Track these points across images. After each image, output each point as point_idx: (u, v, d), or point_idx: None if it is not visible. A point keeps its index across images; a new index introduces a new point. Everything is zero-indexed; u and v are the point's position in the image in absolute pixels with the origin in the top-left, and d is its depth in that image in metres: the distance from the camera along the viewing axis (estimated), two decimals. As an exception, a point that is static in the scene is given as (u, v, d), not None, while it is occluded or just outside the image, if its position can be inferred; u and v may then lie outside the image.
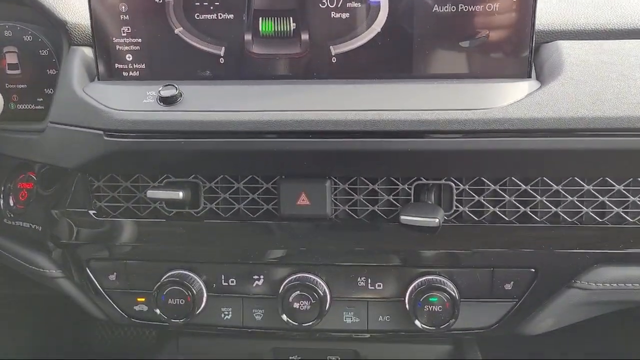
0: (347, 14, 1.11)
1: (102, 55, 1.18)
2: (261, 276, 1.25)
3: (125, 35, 1.16)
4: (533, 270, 1.19)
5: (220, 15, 1.14)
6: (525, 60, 1.11)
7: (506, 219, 1.18)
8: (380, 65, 1.13)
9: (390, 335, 1.28)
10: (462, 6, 1.09)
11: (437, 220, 1.10)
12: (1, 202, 1.38)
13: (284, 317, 1.21)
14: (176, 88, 1.11)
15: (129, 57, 1.17)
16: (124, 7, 1.15)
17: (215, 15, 1.14)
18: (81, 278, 1.32)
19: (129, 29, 1.16)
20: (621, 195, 1.15)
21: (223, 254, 1.25)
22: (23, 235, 1.35)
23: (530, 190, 1.16)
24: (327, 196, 1.16)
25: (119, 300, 1.31)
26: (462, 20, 1.10)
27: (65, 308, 1.60)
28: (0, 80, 1.29)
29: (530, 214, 1.17)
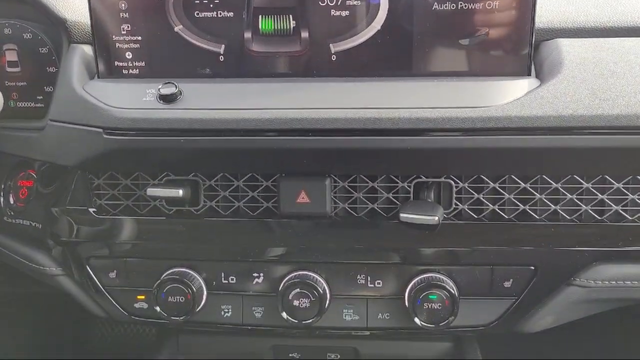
0: (347, 12, 1.11)
1: (102, 53, 1.18)
2: (261, 274, 1.26)
3: (125, 33, 1.16)
4: (532, 267, 1.20)
5: (220, 13, 1.14)
6: (525, 58, 1.11)
7: (505, 216, 1.18)
8: (380, 63, 1.13)
9: (389, 332, 1.28)
10: (462, 4, 1.09)
11: (437, 218, 1.10)
12: (1, 200, 1.38)
13: (284, 315, 1.22)
14: (176, 86, 1.11)
15: (128, 55, 1.17)
16: (123, 5, 1.14)
17: (215, 13, 1.14)
18: (81, 276, 1.32)
19: (128, 27, 1.16)
20: (620, 193, 1.15)
21: (223, 251, 1.25)
22: (23, 233, 1.35)
23: (530, 188, 1.16)
24: (327, 194, 1.16)
25: (119, 297, 1.31)
26: (462, 18, 1.09)
27: (65, 306, 1.60)
28: (0, 78, 1.28)
29: (529, 211, 1.17)
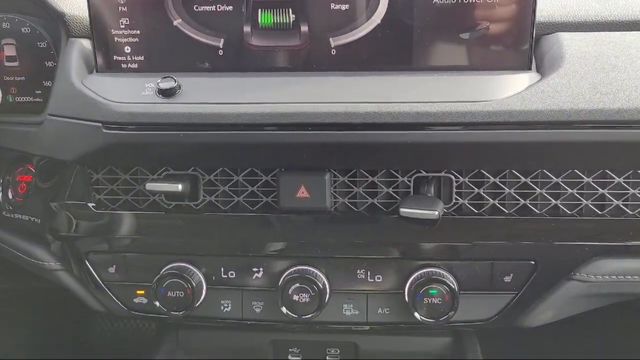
0: (347, 6, 1.10)
1: (101, 47, 1.17)
2: (260, 269, 1.25)
3: (123, 27, 1.15)
4: (532, 262, 1.19)
5: (219, 7, 1.13)
6: (525, 52, 1.10)
7: (506, 211, 1.18)
8: (380, 57, 1.13)
9: (389, 327, 1.28)
10: (463, -3, 1.08)
11: (437, 213, 1.10)
12: (0, 195, 1.37)
13: (284, 310, 1.21)
14: (175, 80, 1.11)
15: (127, 49, 1.17)
16: (122, -1, 1.14)
17: (214, 6, 1.13)
18: (80, 271, 1.31)
19: (127, 21, 1.15)
20: (621, 188, 1.15)
21: (222, 246, 1.25)
22: (22, 228, 1.35)
23: (530, 183, 1.15)
24: (327, 189, 1.16)
25: (119, 292, 1.31)
26: (463, 11, 1.09)
27: (64, 301, 1.60)
28: None
29: (530, 206, 1.17)
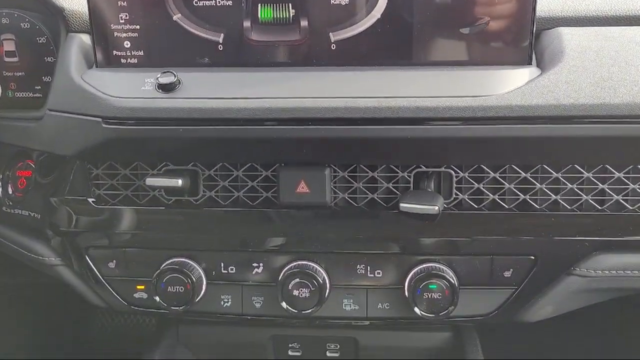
0: (347, 0, 1.10)
1: (100, 42, 1.17)
2: (260, 264, 1.25)
3: (123, 22, 1.15)
4: (532, 257, 1.19)
5: (218, 2, 1.12)
6: (525, 47, 1.10)
7: (506, 206, 1.18)
8: (380, 52, 1.12)
9: (389, 322, 1.28)
10: (463, -8, 1.08)
11: (437, 208, 1.10)
12: (0, 191, 1.37)
13: (284, 305, 1.21)
14: (175, 75, 1.11)
15: (127, 44, 1.17)
16: (122, -7, 1.14)
17: (213, 1, 1.12)
18: (80, 266, 1.31)
19: (127, 16, 1.15)
20: (621, 183, 1.15)
21: (222, 241, 1.25)
22: (22, 223, 1.35)
23: (530, 178, 1.15)
24: (327, 184, 1.16)
25: (119, 287, 1.31)
26: (463, 6, 1.09)
27: (65, 296, 1.61)
28: None
29: (530, 201, 1.17)
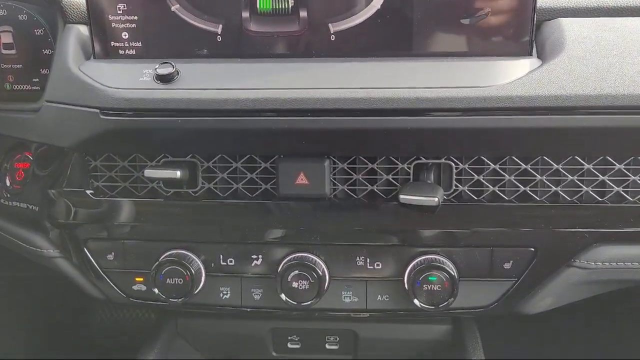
0: (346, -9, 1.10)
1: (98, 33, 1.16)
2: (260, 256, 1.25)
3: (121, 12, 1.14)
4: (532, 249, 1.19)
5: (217, -8, 1.12)
6: (526, 37, 1.09)
7: (506, 198, 1.17)
8: (380, 43, 1.12)
9: (389, 314, 1.28)
10: (463, -18, 1.07)
11: (437, 200, 1.10)
12: (-2, 183, 1.37)
13: (283, 297, 1.21)
14: (173, 66, 1.10)
15: (125, 35, 1.16)
16: (119, -16, 1.13)
17: (212, -8, 1.12)
18: (79, 258, 1.31)
19: (125, 7, 1.14)
20: (621, 175, 1.14)
21: (221, 233, 1.25)
22: (20, 215, 1.34)
23: (530, 170, 1.15)
24: (326, 176, 1.15)
25: (117, 280, 1.31)
26: (463, -4, 1.08)
27: (63, 289, 1.60)
28: None
29: (530, 193, 1.17)
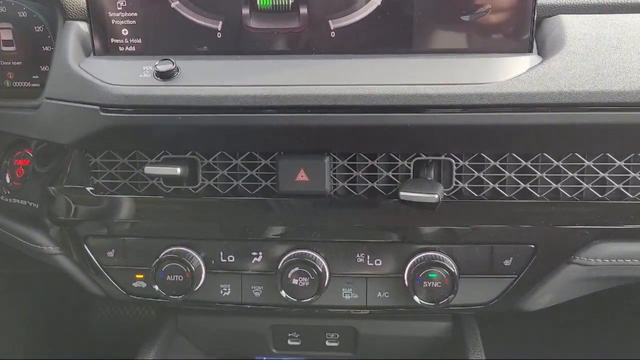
0: (347, -13, 1.09)
1: (98, 30, 1.16)
2: (260, 253, 1.25)
3: (121, 9, 1.14)
4: (532, 246, 1.19)
5: (217, -11, 1.12)
6: (526, 34, 1.09)
7: (506, 195, 1.17)
8: (380, 40, 1.12)
9: (389, 311, 1.28)
10: (464, -21, 1.07)
11: (437, 197, 1.10)
12: (-2, 180, 1.37)
13: (283, 293, 1.21)
14: (173, 63, 1.10)
15: (125, 32, 1.16)
16: (119, -20, 1.13)
17: (212, -12, 1.12)
18: (79, 255, 1.31)
19: (124, 3, 1.14)
20: (622, 171, 1.14)
21: (221, 230, 1.25)
22: (20, 213, 1.34)
23: (531, 166, 1.15)
24: (326, 172, 1.15)
25: (118, 277, 1.31)
26: (463, -7, 1.08)
27: (64, 286, 1.60)
28: None
29: (530, 190, 1.17)
